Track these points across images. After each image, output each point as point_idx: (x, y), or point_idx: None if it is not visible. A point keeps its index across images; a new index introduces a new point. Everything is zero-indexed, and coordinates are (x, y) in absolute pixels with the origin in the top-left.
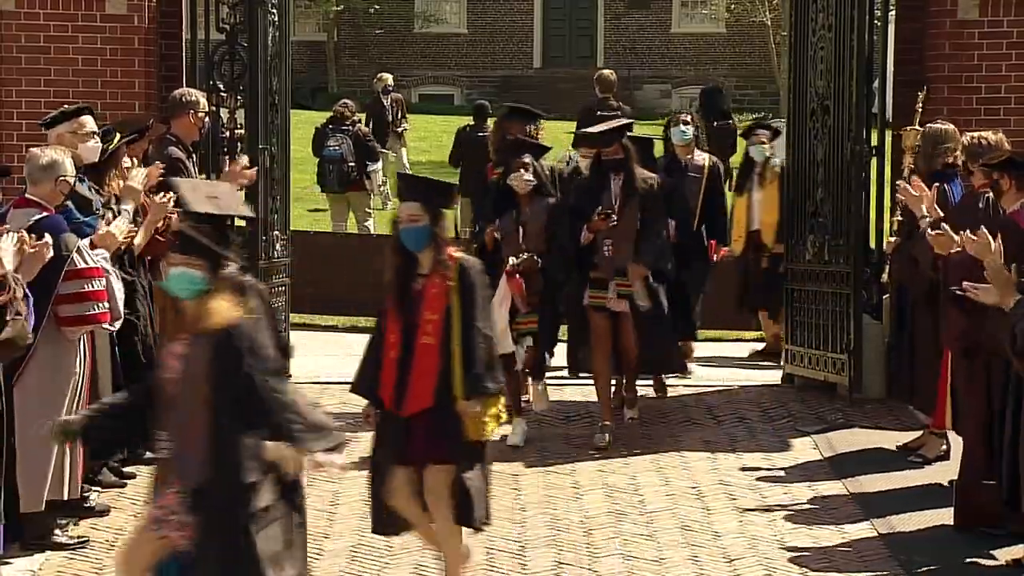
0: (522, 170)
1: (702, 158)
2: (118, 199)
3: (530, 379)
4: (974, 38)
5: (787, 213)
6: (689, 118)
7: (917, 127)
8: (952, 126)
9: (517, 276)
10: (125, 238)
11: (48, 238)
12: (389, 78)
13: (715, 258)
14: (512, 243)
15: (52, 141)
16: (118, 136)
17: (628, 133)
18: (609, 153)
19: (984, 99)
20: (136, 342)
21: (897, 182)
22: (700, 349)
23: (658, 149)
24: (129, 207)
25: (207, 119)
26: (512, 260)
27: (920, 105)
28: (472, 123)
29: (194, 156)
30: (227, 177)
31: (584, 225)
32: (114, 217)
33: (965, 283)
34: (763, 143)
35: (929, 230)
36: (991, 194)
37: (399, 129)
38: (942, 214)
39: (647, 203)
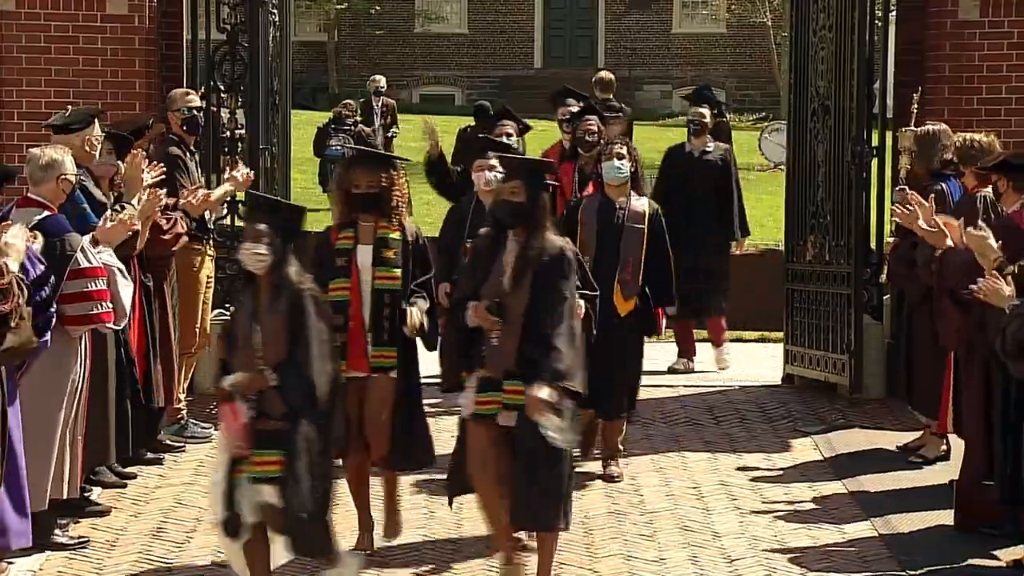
0: (251, 243)
1: (641, 204)
2: (121, 196)
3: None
4: (975, 39)
5: (788, 213)
6: (625, 150)
7: (913, 128)
8: (944, 126)
9: (234, 402)
10: (129, 229)
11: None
12: (382, 80)
13: (663, 326)
14: (244, 350)
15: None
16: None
17: (546, 177)
18: (509, 194)
19: (985, 100)
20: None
21: (896, 188)
22: (700, 349)
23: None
24: (134, 200)
25: (198, 113)
26: (228, 381)
27: (916, 106)
28: (473, 124)
29: (196, 156)
30: (231, 183)
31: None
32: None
33: (973, 286)
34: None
35: (922, 224)
36: (985, 194)
37: (388, 135)
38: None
39: (546, 280)
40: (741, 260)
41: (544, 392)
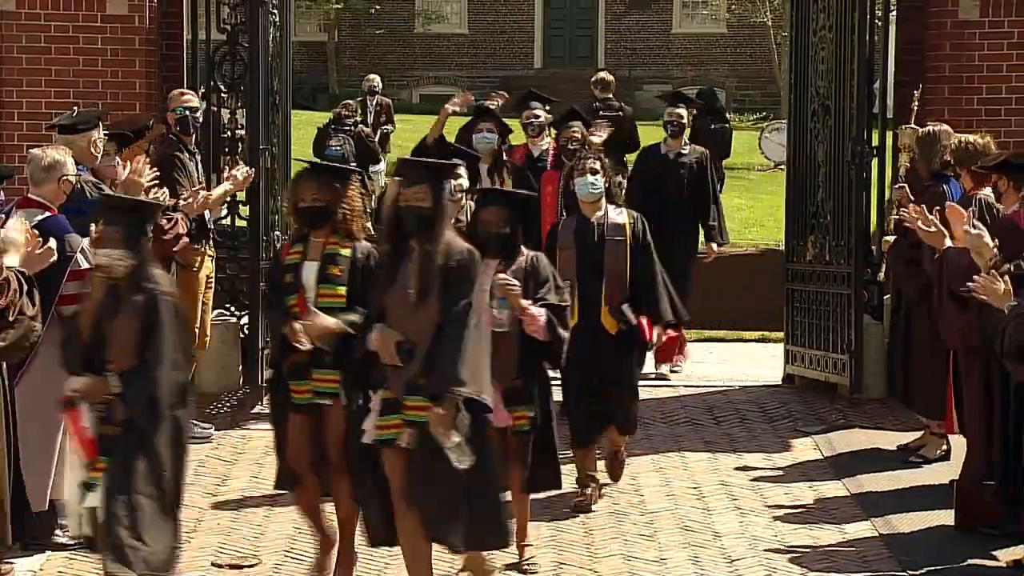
0: (109, 247)
1: (620, 216)
2: None
3: None
4: (975, 39)
5: (788, 213)
6: (599, 165)
7: (914, 126)
8: (945, 126)
9: (75, 408)
10: None
11: (53, 242)
12: (376, 79)
13: (652, 341)
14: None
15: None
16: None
17: (452, 177)
18: (409, 198)
19: (985, 100)
20: None
21: (895, 186)
22: (700, 349)
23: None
24: None
25: (192, 113)
26: (71, 386)
27: (916, 104)
28: None
29: (197, 156)
30: (231, 182)
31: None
32: None
33: (970, 283)
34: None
35: (922, 226)
36: (982, 196)
37: (382, 130)
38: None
39: (454, 290)
40: (741, 260)
41: (442, 408)
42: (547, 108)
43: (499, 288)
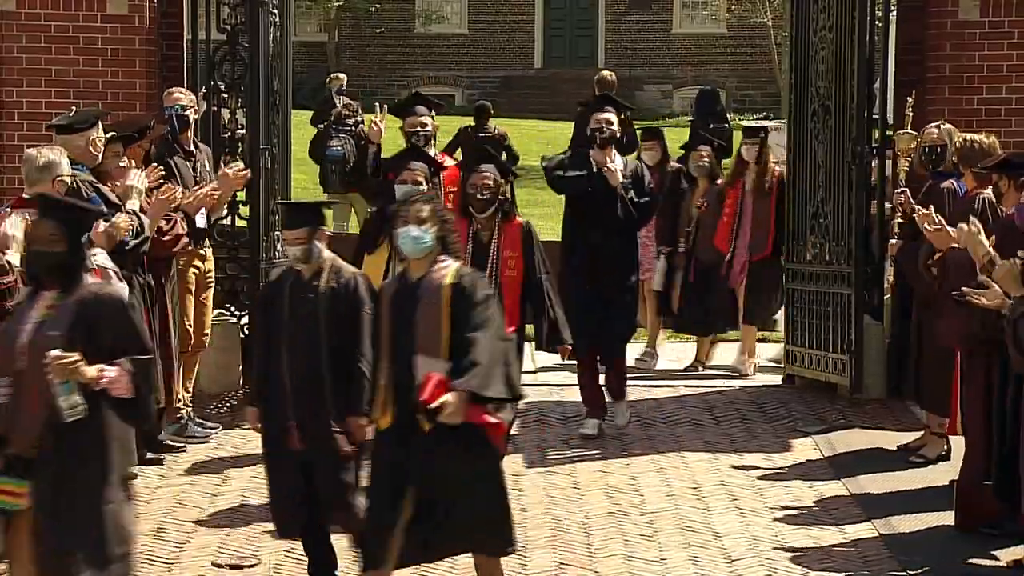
0: None
1: (442, 273)
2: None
3: None
4: (975, 39)
5: (789, 213)
6: (427, 211)
7: (910, 131)
8: (950, 126)
9: None
10: (123, 234)
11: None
12: (343, 78)
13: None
14: None
15: (57, 143)
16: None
17: None
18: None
19: (985, 100)
20: None
21: (897, 191)
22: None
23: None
24: (135, 205)
25: (184, 112)
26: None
27: (910, 109)
28: (473, 123)
29: (196, 155)
30: (220, 180)
31: None
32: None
33: (964, 288)
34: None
35: (926, 226)
36: (985, 196)
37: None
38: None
39: None
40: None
41: None
42: (434, 115)
43: (57, 370)
